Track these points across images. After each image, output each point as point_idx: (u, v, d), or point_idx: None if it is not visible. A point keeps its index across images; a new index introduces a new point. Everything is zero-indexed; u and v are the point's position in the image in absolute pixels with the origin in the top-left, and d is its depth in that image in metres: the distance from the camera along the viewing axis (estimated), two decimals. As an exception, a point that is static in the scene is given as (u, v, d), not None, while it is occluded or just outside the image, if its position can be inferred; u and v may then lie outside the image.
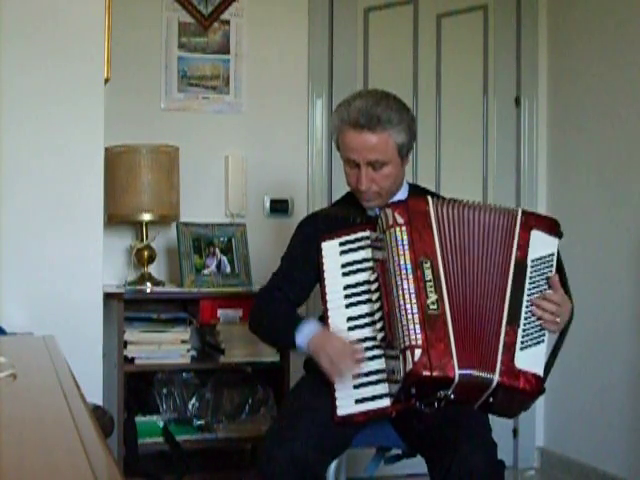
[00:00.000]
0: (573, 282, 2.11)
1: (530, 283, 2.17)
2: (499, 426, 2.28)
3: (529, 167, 4.03)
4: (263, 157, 3.74)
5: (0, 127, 2.79)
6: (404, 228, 2.16)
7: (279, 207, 3.75)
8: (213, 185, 3.68)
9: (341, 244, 2.31)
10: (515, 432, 3.98)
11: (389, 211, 2.19)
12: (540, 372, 2.12)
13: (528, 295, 2.16)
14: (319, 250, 2.33)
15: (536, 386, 2.10)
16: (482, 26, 4.01)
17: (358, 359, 2.18)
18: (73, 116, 2.86)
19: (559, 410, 3.91)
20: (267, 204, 3.74)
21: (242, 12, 3.73)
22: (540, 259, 2.19)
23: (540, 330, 2.15)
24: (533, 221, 2.23)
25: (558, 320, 2.18)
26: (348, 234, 2.32)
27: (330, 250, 2.32)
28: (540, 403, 3.94)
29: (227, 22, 3.71)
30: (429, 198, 2.23)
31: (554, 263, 2.20)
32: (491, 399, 2.11)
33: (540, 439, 4.02)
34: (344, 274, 2.29)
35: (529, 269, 2.17)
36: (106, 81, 2.94)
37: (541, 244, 2.20)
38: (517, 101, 4.03)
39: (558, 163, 3.98)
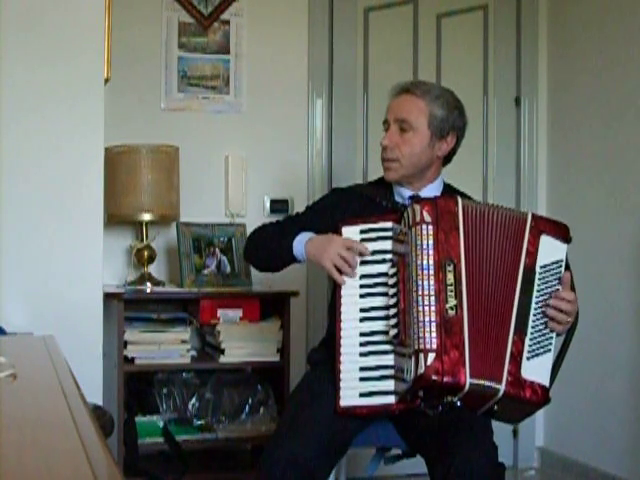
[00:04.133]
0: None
1: (537, 291, 2.13)
2: (499, 426, 2.28)
3: (529, 167, 4.03)
4: (263, 157, 3.74)
5: (0, 127, 2.79)
6: (430, 227, 2.11)
7: (279, 207, 3.74)
8: (213, 185, 3.68)
9: (362, 232, 2.26)
10: (515, 432, 3.98)
11: (417, 207, 2.13)
12: (546, 383, 2.10)
13: (536, 303, 2.13)
14: (339, 234, 2.28)
15: (542, 397, 2.08)
16: (482, 26, 4.01)
17: (362, 250, 2.21)
18: (73, 116, 2.85)
19: (559, 410, 3.91)
20: (267, 204, 3.74)
21: (242, 12, 3.73)
22: (548, 265, 2.15)
23: (548, 339, 2.12)
24: (543, 226, 2.18)
25: (569, 319, 2.16)
26: (370, 222, 2.26)
27: (350, 236, 2.26)
28: (540, 403, 3.93)
29: (227, 22, 3.71)
30: (459, 198, 2.18)
31: (562, 270, 2.17)
32: (496, 407, 2.10)
33: (540, 439, 4.02)
34: (362, 262, 2.23)
35: (537, 276, 2.13)
36: (106, 81, 2.94)
37: (550, 250, 2.16)
38: (517, 101, 4.03)
39: (558, 163, 3.98)
